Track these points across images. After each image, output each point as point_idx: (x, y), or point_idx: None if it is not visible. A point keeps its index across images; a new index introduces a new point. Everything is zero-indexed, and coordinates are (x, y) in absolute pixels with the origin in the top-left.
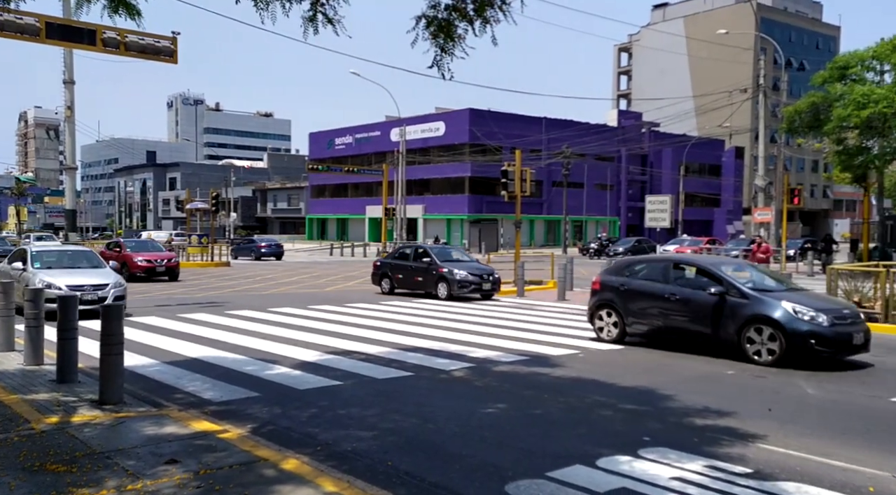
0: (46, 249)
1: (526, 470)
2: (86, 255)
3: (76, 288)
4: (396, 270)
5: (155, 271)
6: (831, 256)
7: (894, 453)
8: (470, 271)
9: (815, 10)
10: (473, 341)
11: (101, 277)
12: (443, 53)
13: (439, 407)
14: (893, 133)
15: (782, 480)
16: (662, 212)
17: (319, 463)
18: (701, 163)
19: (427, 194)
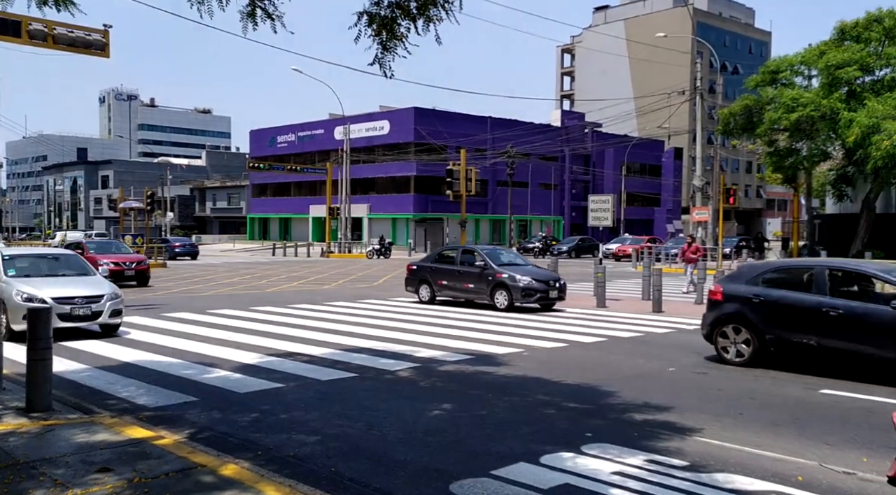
0: (20, 253)
1: (471, 470)
2: (69, 261)
3: (65, 300)
4: (439, 275)
5: (123, 275)
6: (764, 254)
7: (822, 442)
8: (534, 277)
9: (747, 16)
10: (418, 341)
11: (92, 287)
12: (385, 51)
13: (384, 408)
14: (820, 135)
15: (716, 471)
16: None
17: (260, 468)
18: (642, 163)
19: (372, 193)
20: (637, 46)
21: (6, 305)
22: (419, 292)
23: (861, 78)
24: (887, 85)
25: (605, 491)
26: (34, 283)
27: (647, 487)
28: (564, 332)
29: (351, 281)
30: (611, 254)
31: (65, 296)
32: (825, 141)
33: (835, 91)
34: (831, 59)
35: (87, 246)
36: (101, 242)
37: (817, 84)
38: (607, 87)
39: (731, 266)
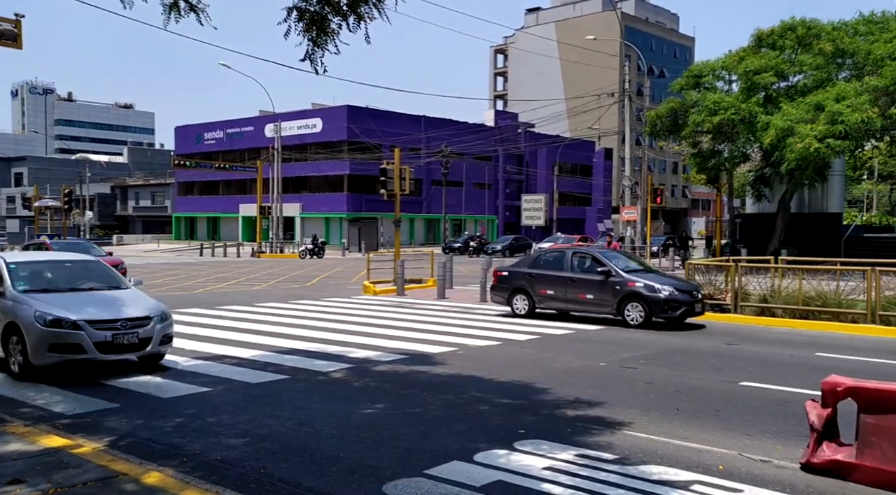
0: (28, 259)
1: (404, 469)
2: (93, 269)
3: (104, 325)
4: (542, 283)
5: None
6: (689, 252)
7: (741, 432)
8: (676, 287)
9: (672, 21)
10: (352, 341)
11: (134, 305)
12: (316, 47)
13: (316, 409)
14: (740, 138)
15: (643, 463)
16: (538, 210)
17: (185, 474)
18: (573, 163)
19: (304, 192)
20: (568, 48)
21: (23, 332)
22: (512, 303)
23: (777, 83)
24: (800, 90)
25: (537, 486)
26: (57, 301)
27: (578, 481)
28: (498, 330)
29: (283, 281)
30: None
31: (104, 318)
32: (745, 143)
33: (753, 95)
34: (749, 64)
35: (51, 246)
36: (68, 243)
37: (737, 88)
38: (540, 88)
39: (659, 263)
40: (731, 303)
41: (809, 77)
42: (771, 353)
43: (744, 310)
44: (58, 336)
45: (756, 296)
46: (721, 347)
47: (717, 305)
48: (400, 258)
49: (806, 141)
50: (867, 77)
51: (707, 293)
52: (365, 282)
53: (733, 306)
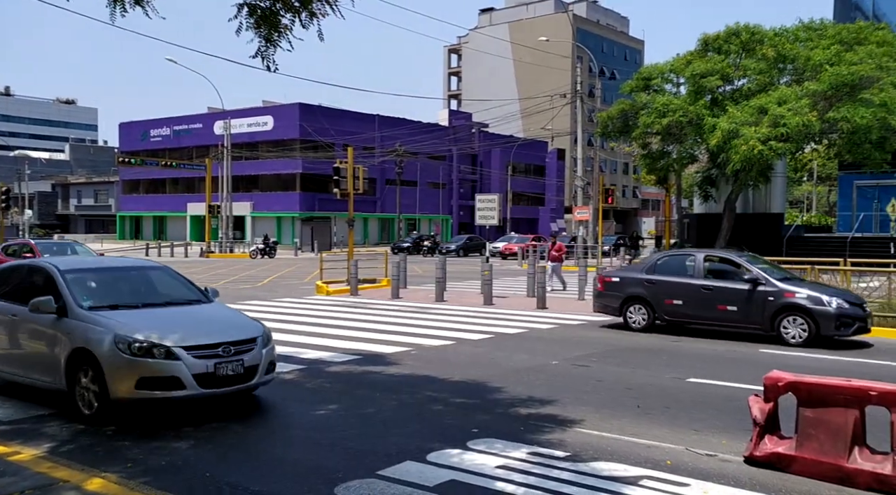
0: (84, 266)
1: (357, 471)
2: (161, 278)
3: (204, 351)
4: (666, 292)
5: None
6: (639, 251)
7: (689, 428)
8: (845, 298)
9: (623, 24)
10: (304, 342)
11: (231, 325)
12: (268, 44)
13: (267, 411)
14: (688, 139)
15: (594, 460)
16: (491, 210)
17: (129, 480)
18: (527, 163)
19: (255, 191)
20: (521, 49)
21: (99, 362)
22: (626, 315)
23: (722, 86)
24: (745, 94)
25: (490, 485)
26: (136, 320)
27: (530, 479)
28: (452, 330)
29: (233, 281)
30: (498, 253)
31: (202, 343)
32: (692, 144)
33: (700, 98)
34: (696, 68)
35: (38, 248)
36: (56, 244)
37: (685, 91)
38: (493, 88)
39: (611, 263)
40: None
41: (753, 81)
42: (716, 350)
43: None
44: (149, 367)
45: None
46: (669, 345)
47: None
48: (353, 258)
49: (750, 143)
50: (807, 82)
51: None
52: (318, 282)
53: None
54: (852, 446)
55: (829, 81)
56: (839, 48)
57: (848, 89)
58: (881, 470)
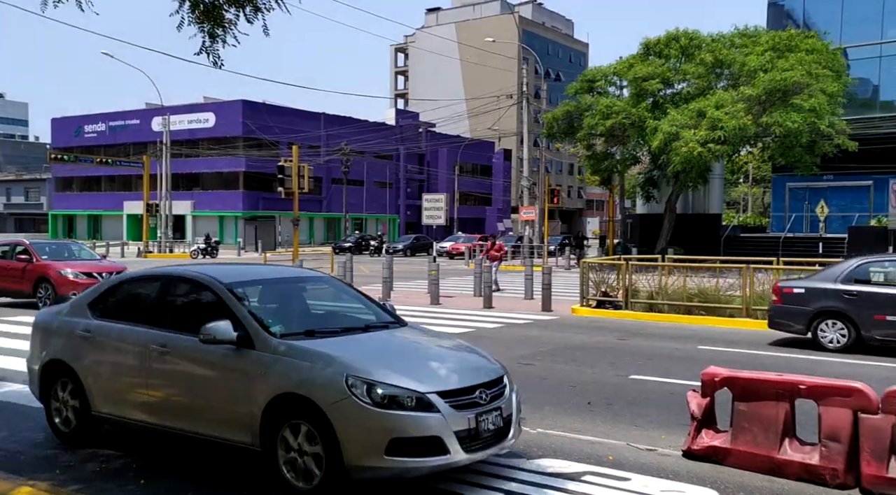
0: (254, 278)
1: None
2: (328, 291)
3: (458, 398)
4: (876, 305)
5: None
6: (583, 251)
7: (630, 424)
8: None
9: (567, 27)
10: None
11: (470, 361)
12: (212, 40)
13: None
14: (631, 141)
15: (538, 457)
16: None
17: (59, 488)
18: (474, 163)
19: (196, 189)
20: (468, 49)
21: (323, 411)
22: (818, 333)
23: (663, 90)
24: (684, 97)
25: (434, 484)
26: (355, 352)
27: (475, 478)
28: None
29: None
30: (445, 253)
31: (455, 387)
32: (635, 146)
33: (642, 101)
34: (638, 71)
35: (34, 249)
36: (54, 244)
37: (628, 94)
38: (440, 88)
39: (556, 262)
40: (623, 299)
41: (692, 85)
42: (658, 347)
43: (634, 306)
44: (402, 423)
45: (645, 293)
46: (613, 342)
47: (610, 302)
48: (298, 257)
49: (690, 145)
50: (742, 87)
51: (601, 291)
52: None
53: (624, 303)
54: (783, 438)
55: (762, 87)
56: (772, 55)
57: (780, 94)
58: (809, 460)
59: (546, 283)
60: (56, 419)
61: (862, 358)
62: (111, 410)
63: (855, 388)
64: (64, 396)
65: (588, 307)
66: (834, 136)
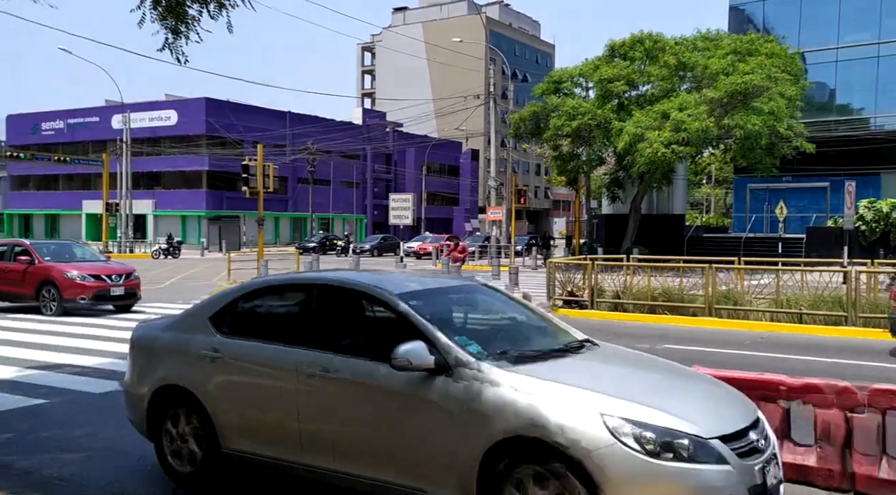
0: (416, 289)
1: None
2: (496, 304)
3: (739, 445)
4: None
5: (108, 295)
6: (550, 251)
7: None
8: None
9: (534, 28)
10: None
11: (718, 394)
12: (175, 36)
13: None
14: (597, 142)
15: None
16: (405, 209)
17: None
18: (441, 163)
19: (158, 188)
20: (435, 49)
21: (583, 464)
22: None
23: (628, 92)
24: (649, 99)
25: None
26: (596, 384)
27: None
28: None
29: None
30: (412, 253)
31: (730, 430)
32: (601, 147)
33: (607, 102)
34: (604, 73)
35: (34, 249)
36: (54, 243)
37: (593, 95)
38: (407, 88)
39: (523, 262)
40: (589, 299)
41: (657, 87)
42: (623, 346)
43: (599, 305)
44: (682, 480)
45: (610, 293)
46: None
47: (576, 302)
48: (264, 257)
49: (654, 146)
50: (705, 89)
51: (568, 290)
52: (222, 284)
53: (590, 302)
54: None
55: (724, 89)
56: (734, 58)
57: (741, 97)
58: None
59: (513, 283)
60: (171, 457)
61: None
62: (248, 447)
63: (841, 387)
64: (182, 429)
65: (555, 307)
66: (792, 139)
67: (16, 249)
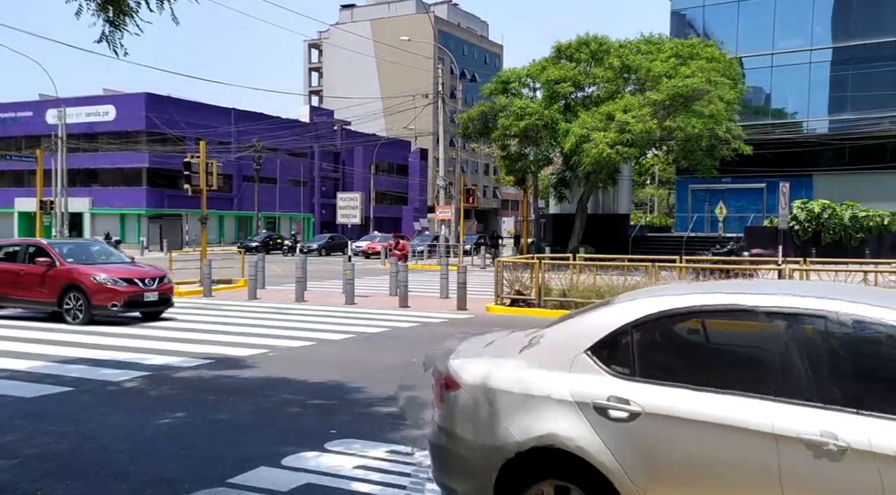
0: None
1: (204, 480)
2: None
3: None
4: None
5: (142, 301)
6: (499, 250)
7: None
8: None
9: (482, 29)
10: (149, 347)
11: None
12: (114, 28)
13: (105, 423)
14: (544, 142)
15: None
16: (353, 208)
17: None
18: (390, 162)
19: (95, 186)
20: (383, 48)
21: None
22: None
23: (574, 93)
24: (594, 100)
25: (347, 485)
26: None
27: (388, 477)
28: (313, 330)
29: None
30: (360, 252)
31: None
32: (548, 147)
33: (554, 103)
34: (551, 74)
35: (54, 250)
36: (73, 243)
37: (541, 96)
38: (356, 86)
39: (472, 262)
40: (536, 298)
41: (602, 88)
42: None
43: (547, 304)
44: None
45: (557, 291)
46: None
47: (523, 300)
48: (207, 257)
49: (599, 147)
50: (648, 92)
51: (515, 289)
52: None
53: (538, 301)
54: None
55: (666, 92)
56: (675, 62)
57: (683, 100)
58: None
59: (461, 282)
60: None
61: None
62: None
63: None
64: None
65: (502, 305)
66: (731, 141)
67: (30, 249)
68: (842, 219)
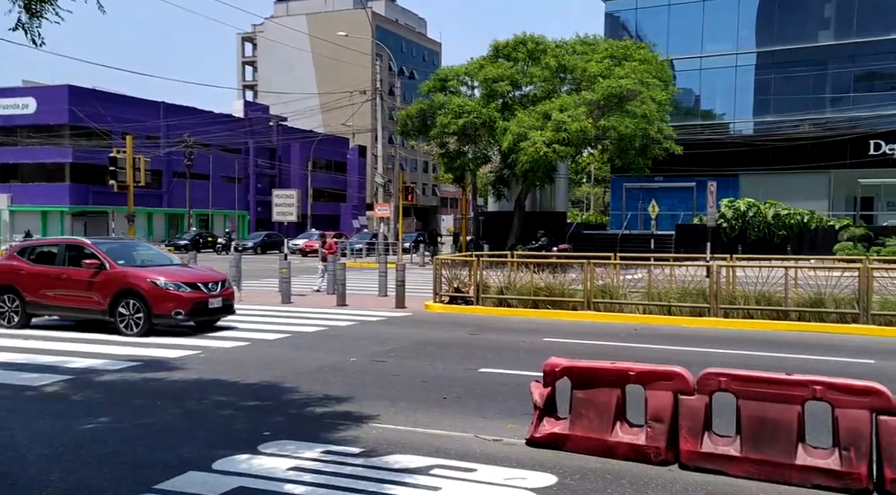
0: None
1: (130, 487)
2: None
3: None
4: None
5: (207, 308)
6: (437, 248)
7: (479, 415)
8: None
9: (420, 26)
10: (72, 350)
11: None
12: (31, 15)
13: (22, 429)
14: (482, 141)
15: (387, 454)
16: (290, 206)
17: None
18: (328, 159)
19: (14, 182)
20: (320, 43)
21: None
22: None
23: (512, 92)
24: (532, 99)
25: (279, 488)
26: None
27: (322, 478)
28: (247, 330)
29: None
30: (298, 250)
31: None
32: (486, 146)
33: (492, 101)
34: (488, 73)
35: (100, 249)
36: (122, 244)
37: (479, 94)
38: (292, 81)
39: (411, 259)
40: (474, 295)
41: (539, 88)
42: (507, 341)
43: (485, 301)
44: None
45: (495, 289)
46: (465, 337)
47: (462, 298)
48: None
49: (536, 145)
50: (583, 92)
51: (454, 287)
52: None
53: (476, 298)
54: (615, 422)
55: (601, 92)
56: (610, 63)
57: (617, 100)
58: (636, 440)
59: (400, 280)
60: None
61: None
62: None
63: (676, 373)
64: None
65: (441, 303)
66: (663, 141)
67: (71, 250)
68: (766, 217)
